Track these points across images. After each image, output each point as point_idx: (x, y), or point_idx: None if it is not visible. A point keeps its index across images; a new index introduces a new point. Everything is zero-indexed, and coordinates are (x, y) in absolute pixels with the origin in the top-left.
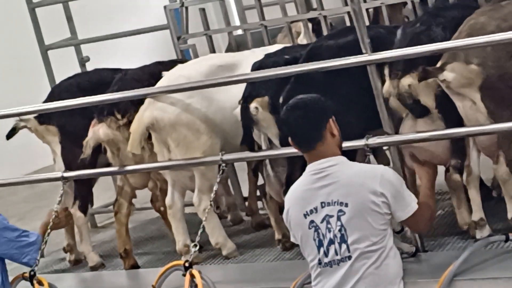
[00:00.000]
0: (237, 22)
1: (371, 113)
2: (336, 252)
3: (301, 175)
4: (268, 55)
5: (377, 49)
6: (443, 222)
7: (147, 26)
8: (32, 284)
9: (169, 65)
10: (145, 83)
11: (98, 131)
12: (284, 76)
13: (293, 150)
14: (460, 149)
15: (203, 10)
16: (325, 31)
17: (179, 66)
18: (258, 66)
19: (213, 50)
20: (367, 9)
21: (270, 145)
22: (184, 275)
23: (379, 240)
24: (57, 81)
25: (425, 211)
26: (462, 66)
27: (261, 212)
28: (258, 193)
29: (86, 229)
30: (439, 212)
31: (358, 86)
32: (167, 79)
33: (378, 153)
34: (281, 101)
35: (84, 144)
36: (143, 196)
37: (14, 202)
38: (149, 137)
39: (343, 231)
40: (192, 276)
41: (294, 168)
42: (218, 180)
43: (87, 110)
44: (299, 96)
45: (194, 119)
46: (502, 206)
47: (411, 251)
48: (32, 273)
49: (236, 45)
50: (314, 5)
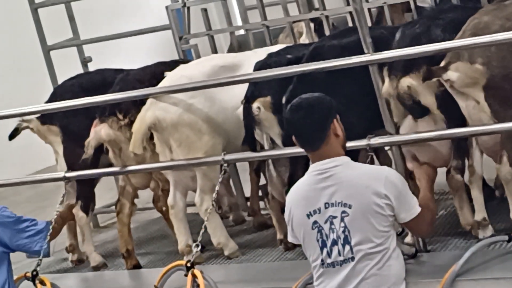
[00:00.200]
0: (239, 22)
1: (374, 113)
2: (339, 253)
3: (303, 175)
4: (270, 55)
5: (380, 50)
6: (445, 222)
7: (149, 26)
8: (35, 284)
9: (171, 65)
10: (147, 83)
11: (100, 131)
12: (286, 76)
13: (296, 150)
14: (461, 149)
15: (205, 10)
16: (327, 31)
17: (181, 66)
18: (260, 66)
19: (215, 50)
20: (369, 9)
21: (273, 145)
22: (186, 275)
23: (382, 242)
24: (59, 82)
25: (426, 213)
26: (466, 66)
27: (263, 212)
28: (260, 193)
29: (88, 229)
30: (441, 212)
31: (361, 86)
32: (169, 79)
33: (380, 153)
34: (284, 101)
35: (86, 144)
36: (145, 196)
37: (17, 202)
38: (151, 137)
39: (346, 232)
40: (194, 276)
41: (297, 168)
42: (220, 180)
43: (89, 110)
44: (303, 96)
45: (196, 119)
46: (504, 206)
47: (411, 252)
48: (34, 273)
49: (238, 45)
50: (316, 5)
